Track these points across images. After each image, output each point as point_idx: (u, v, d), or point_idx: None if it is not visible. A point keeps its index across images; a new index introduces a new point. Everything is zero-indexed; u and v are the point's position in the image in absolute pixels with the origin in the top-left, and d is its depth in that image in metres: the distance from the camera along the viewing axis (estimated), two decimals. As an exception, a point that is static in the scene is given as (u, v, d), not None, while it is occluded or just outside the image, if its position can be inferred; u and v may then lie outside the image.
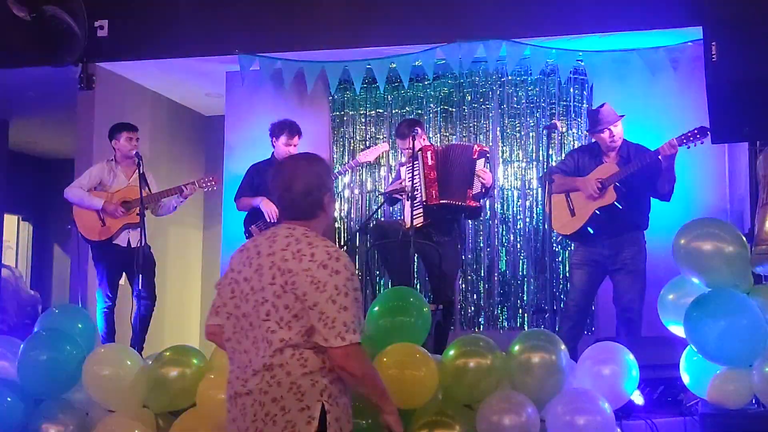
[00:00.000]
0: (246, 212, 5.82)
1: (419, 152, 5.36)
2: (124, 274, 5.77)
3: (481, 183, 5.35)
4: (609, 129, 5.02)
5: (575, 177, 5.11)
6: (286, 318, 2.55)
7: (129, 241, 5.68)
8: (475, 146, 5.45)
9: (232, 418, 2.64)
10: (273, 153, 5.85)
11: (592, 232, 5.01)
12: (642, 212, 5.08)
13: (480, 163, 5.36)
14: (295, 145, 5.79)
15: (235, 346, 2.66)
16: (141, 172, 5.47)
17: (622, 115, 5.07)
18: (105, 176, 5.76)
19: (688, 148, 4.81)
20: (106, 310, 5.71)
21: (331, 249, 2.61)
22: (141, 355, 4.78)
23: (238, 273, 2.68)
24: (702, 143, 4.78)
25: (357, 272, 6.23)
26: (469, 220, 5.95)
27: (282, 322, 2.55)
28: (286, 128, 5.75)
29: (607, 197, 4.96)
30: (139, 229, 5.51)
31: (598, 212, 4.98)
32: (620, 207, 4.93)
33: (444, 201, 5.31)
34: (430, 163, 5.36)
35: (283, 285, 2.55)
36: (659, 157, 4.83)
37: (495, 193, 6.01)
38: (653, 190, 5.01)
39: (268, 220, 5.58)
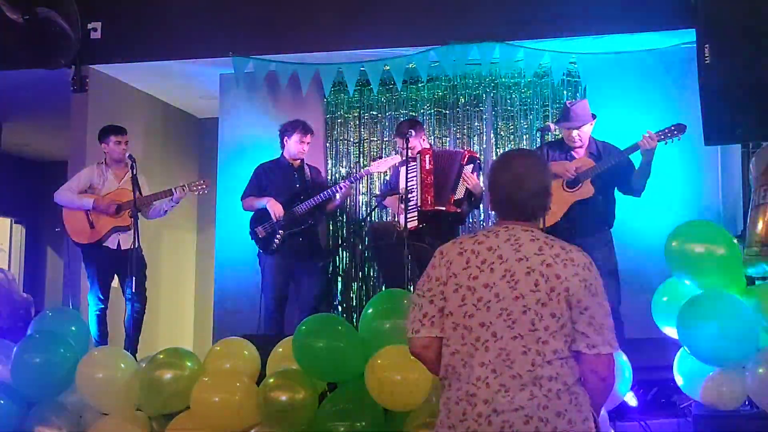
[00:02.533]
0: (252, 212, 5.78)
1: (418, 155, 5.36)
2: (116, 276, 5.76)
3: (466, 187, 5.34)
4: (580, 128, 4.99)
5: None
6: (553, 326, 2.33)
7: (119, 244, 5.66)
8: (465, 151, 5.45)
9: None
10: (282, 153, 5.82)
11: (566, 226, 4.94)
12: (611, 209, 5.05)
13: (468, 169, 5.35)
14: (308, 143, 5.78)
15: (466, 359, 2.37)
16: (134, 174, 5.46)
17: (594, 116, 5.03)
18: (95, 179, 5.75)
19: (666, 143, 4.80)
20: (98, 312, 5.70)
21: (582, 252, 2.44)
22: (135, 357, 4.78)
23: (470, 279, 2.40)
24: (679, 139, 4.76)
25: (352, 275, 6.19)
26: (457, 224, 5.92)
27: (549, 330, 2.32)
28: (299, 126, 5.72)
29: (585, 191, 4.89)
30: (128, 231, 5.50)
31: (577, 205, 4.90)
32: (597, 201, 4.89)
33: (438, 208, 5.31)
34: (428, 168, 5.35)
35: (549, 292, 2.33)
36: (640, 150, 4.78)
37: (483, 201, 5.97)
38: (626, 185, 4.94)
39: (274, 221, 5.57)
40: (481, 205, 5.93)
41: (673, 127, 4.75)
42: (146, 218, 5.88)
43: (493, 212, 2.62)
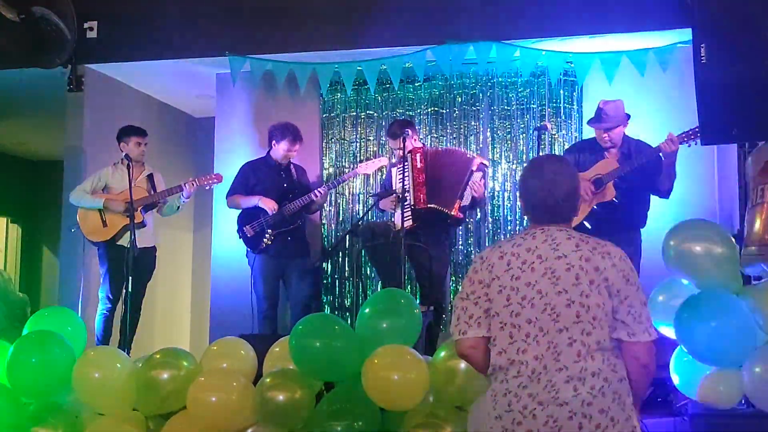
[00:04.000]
0: (240, 211, 5.79)
1: (408, 154, 5.36)
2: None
3: (473, 196, 5.34)
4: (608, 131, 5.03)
5: None
6: (599, 316, 2.48)
7: (131, 242, 5.66)
8: (476, 158, 5.42)
9: (528, 430, 2.44)
10: (269, 152, 5.83)
11: (590, 227, 4.98)
12: (640, 211, 5.07)
13: (477, 176, 5.35)
14: (295, 151, 5.80)
15: (513, 357, 2.50)
16: (130, 174, 5.47)
17: (628, 115, 5.06)
18: (110, 179, 5.81)
19: (689, 146, 4.82)
20: (105, 312, 5.73)
21: (616, 246, 2.61)
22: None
23: (512, 279, 2.55)
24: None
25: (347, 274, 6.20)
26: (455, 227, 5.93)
27: (595, 321, 2.47)
28: (288, 135, 5.73)
29: (607, 193, 4.93)
30: (142, 229, 5.54)
31: (596, 207, 4.96)
32: (617, 202, 4.91)
33: (432, 206, 5.31)
34: (418, 166, 5.36)
35: (590, 283, 2.48)
36: (660, 154, 4.83)
37: (484, 206, 5.99)
38: (653, 187, 5.00)
39: (270, 214, 5.59)
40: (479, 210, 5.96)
41: (697, 129, 4.75)
42: (161, 215, 5.92)
43: (525, 216, 2.73)
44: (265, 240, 5.62)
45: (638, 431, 2.49)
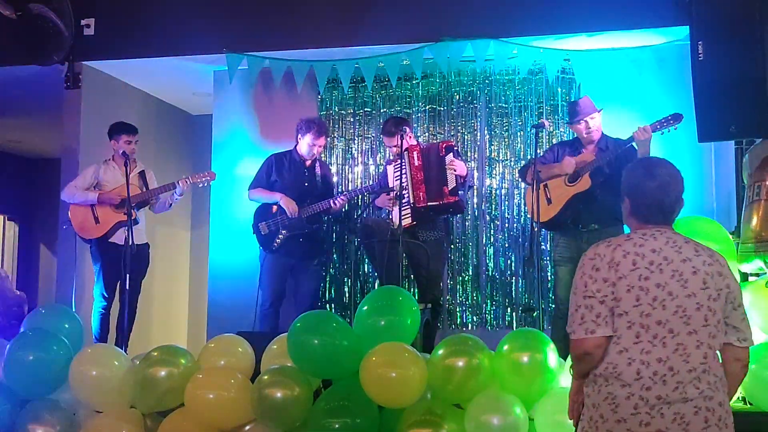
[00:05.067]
0: (258, 204, 5.73)
1: (405, 152, 5.36)
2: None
3: (455, 175, 5.33)
4: (585, 120, 5.04)
5: (552, 164, 5.13)
6: (722, 321, 2.59)
7: (126, 240, 5.65)
8: (441, 143, 5.45)
9: (657, 429, 2.50)
10: (295, 147, 5.78)
11: (569, 221, 4.99)
12: (618, 203, 5.06)
13: (448, 158, 5.34)
14: (321, 146, 5.72)
15: (635, 356, 2.54)
16: (127, 171, 5.45)
17: (600, 109, 5.10)
18: (101, 176, 5.78)
19: (662, 134, 4.81)
20: (102, 311, 5.69)
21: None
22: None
23: (641, 279, 2.57)
24: (675, 129, 4.78)
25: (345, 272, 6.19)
26: (457, 215, 5.92)
27: (719, 325, 2.58)
28: (312, 128, 5.64)
29: (582, 184, 4.96)
30: (135, 227, 5.52)
31: (573, 198, 4.96)
32: (596, 194, 4.93)
33: (431, 203, 5.31)
34: (416, 164, 5.35)
35: (718, 289, 2.58)
36: (633, 143, 4.83)
37: (474, 184, 6.00)
38: None
39: (290, 216, 5.55)
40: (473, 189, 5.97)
41: (669, 117, 4.77)
42: (153, 212, 5.90)
43: (633, 217, 2.76)
44: (277, 240, 5.59)
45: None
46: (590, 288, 2.61)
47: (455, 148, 5.52)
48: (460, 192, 5.37)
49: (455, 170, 5.32)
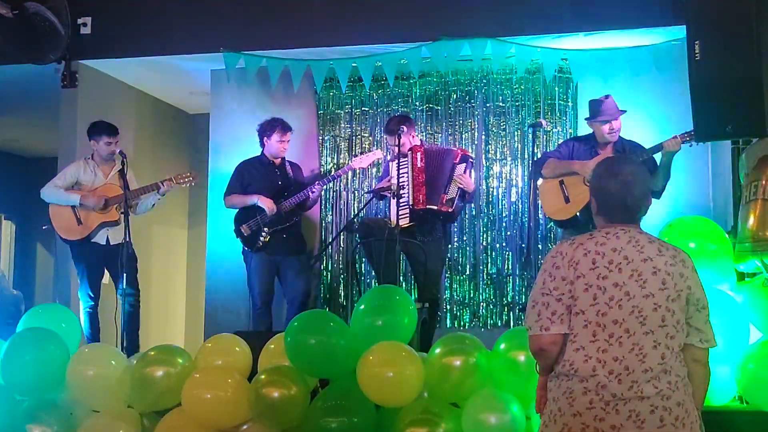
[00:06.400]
0: (236, 210, 5.78)
1: (409, 152, 5.36)
2: (106, 273, 5.74)
3: (459, 187, 5.34)
4: (610, 123, 5.04)
5: (572, 160, 5.11)
6: (682, 321, 2.57)
7: (108, 239, 5.64)
8: (458, 151, 5.45)
9: (612, 425, 2.50)
10: (263, 152, 5.82)
11: (579, 215, 4.99)
12: None
13: (460, 168, 5.35)
14: (288, 141, 5.79)
15: (592, 355, 2.55)
16: (125, 170, 5.43)
17: (624, 111, 5.10)
18: (82, 175, 5.71)
19: (690, 146, 4.85)
20: (89, 310, 5.67)
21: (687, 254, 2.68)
22: (138, 350, 4.74)
23: (599, 278, 2.58)
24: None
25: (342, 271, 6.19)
26: (448, 223, 5.91)
27: (678, 325, 2.56)
28: (277, 126, 5.73)
29: None
30: (117, 226, 5.49)
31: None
32: None
33: (430, 206, 5.31)
34: (419, 165, 5.35)
35: (678, 290, 2.56)
36: (662, 152, 4.84)
37: (475, 197, 5.96)
38: None
39: (269, 215, 5.58)
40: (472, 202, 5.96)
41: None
42: (134, 214, 5.82)
43: (598, 217, 2.76)
44: (261, 238, 5.62)
45: (699, 424, 2.61)
46: (548, 285, 2.63)
47: (470, 160, 5.51)
48: (458, 204, 5.38)
49: (461, 184, 5.33)
